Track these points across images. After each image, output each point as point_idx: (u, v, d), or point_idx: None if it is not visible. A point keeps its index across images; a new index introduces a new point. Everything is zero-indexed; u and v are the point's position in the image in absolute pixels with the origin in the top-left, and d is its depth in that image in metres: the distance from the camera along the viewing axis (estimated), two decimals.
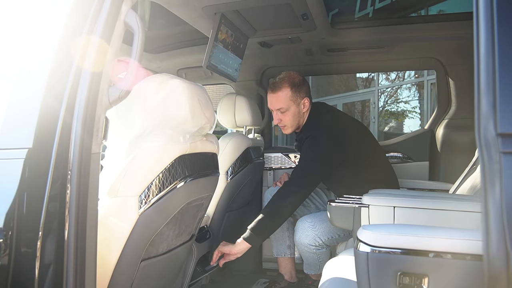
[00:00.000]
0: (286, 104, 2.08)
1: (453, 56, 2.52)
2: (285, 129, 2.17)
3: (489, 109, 0.59)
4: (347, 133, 2.10)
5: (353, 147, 2.06)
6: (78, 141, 1.01)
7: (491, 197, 0.58)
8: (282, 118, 2.12)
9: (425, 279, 0.86)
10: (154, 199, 1.28)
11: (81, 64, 1.04)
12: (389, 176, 2.17)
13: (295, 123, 2.14)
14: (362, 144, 2.16)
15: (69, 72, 1.03)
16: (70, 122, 1.01)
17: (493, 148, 0.58)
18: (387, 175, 2.16)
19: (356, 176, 2.05)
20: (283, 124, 2.14)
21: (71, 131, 1.01)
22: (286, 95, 2.08)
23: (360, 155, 2.09)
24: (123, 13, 1.12)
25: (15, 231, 0.95)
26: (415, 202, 1.38)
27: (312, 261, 2.08)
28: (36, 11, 1.11)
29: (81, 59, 1.04)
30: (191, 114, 1.33)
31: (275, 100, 2.10)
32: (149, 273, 1.40)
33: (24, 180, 0.96)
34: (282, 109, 2.10)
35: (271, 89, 2.13)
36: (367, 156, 2.13)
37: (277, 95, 2.09)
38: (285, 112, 2.10)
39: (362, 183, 1.95)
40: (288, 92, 2.08)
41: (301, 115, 2.14)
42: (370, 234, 0.91)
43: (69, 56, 1.04)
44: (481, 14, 0.62)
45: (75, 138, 1.01)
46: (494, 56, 0.61)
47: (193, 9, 1.84)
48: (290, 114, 2.11)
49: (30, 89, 1.03)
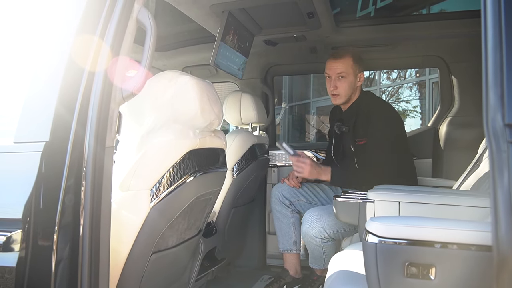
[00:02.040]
0: (346, 71, 2.16)
1: (456, 54, 2.54)
2: (337, 98, 2.21)
3: (497, 101, 0.62)
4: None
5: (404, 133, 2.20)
6: (93, 135, 1.04)
7: (499, 186, 0.60)
8: (338, 85, 2.18)
9: (432, 269, 0.88)
10: (165, 193, 1.30)
11: (96, 61, 1.07)
12: (413, 172, 2.25)
13: (348, 93, 2.19)
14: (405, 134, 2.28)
15: (84, 68, 1.06)
16: (85, 116, 1.04)
17: (501, 138, 0.60)
18: (412, 171, 2.25)
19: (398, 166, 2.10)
20: (338, 92, 2.19)
21: (87, 125, 1.04)
22: (348, 62, 2.16)
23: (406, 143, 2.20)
24: (135, 11, 1.15)
25: (32, 223, 0.98)
26: (420, 197, 1.40)
27: (318, 254, 2.10)
28: (52, 10, 1.13)
29: (95, 56, 1.07)
30: (200, 109, 1.35)
31: (336, 66, 2.18)
32: (159, 265, 1.42)
33: (41, 172, 0.99)
34: (342, 74, 2.16)
35: (333, 56, 2.21)
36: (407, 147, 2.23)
37: (339, 61, 2.17)
38: (343, 79, 2.17)
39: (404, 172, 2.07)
40: (350, 60, 2.17)
41: (355, 88, 2.21)
42: (379, 225, 0.93)
43: (84, 53, 1.06)
44: (488, 8, 0.64)
45: (90, 131, 1.04)
46: (502, 50, 0.63)
47: (201, 7, 1.87)
48: (347, 82, 2.17)
49: (47, 84, 1.06)
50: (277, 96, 10.17)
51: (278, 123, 11.06)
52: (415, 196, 1.41)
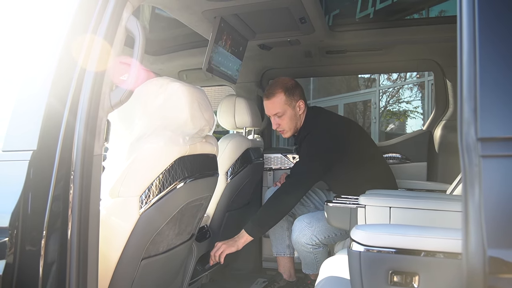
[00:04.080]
0: (282, 108, 2.15)
1: (451, 58, 2.55)
2: (284, 133, 2.23)
3: (470, 115, 0.62)
4: (345, 132, 2.15)
5: (351, 146, 2.11)
6: (81, 143, 1.05)
7: (470, 199, 0.61)
8: (280, 123, 2.19)
9: (415, 277, 0.89)
10: (155, 199, 1.31)
11: (84, 69, 1.08)
12: (387, 176, 2.20)
13: (292, 126, 2.20)
14: (360, 143, 2.20)
15: (72, 76, 1.07)
16: (73, 125, 1.05)
17: (473, 152, 0.61)
18: (385, 175, 2.19)
19: (355, 175, 2.09)
20: (282, 128, 2.21)
21: (74, 134, 1.04)
22: (281, 100, 2.14)
23: (358, 154, 2.13)
24: (124, 19, 1.16)
25: (20, 230, 0.99)
26: (410, 203, 1.40)
27: (310, 260, 2.10)
28: (39, 16, 1.14)
29: (83, 64, 1.08)
30: (190, 116, 1.36)
31: (271, 106, 2.17)
32: (150, 271, 1.43)
33: (29, 181, 0.99)
34: (279, 114, 2.16)
35: (266, 96, 2.19)
36: (365, 155, 2.17)
37: (272, 101, 2.16)
38: (282, 116, 2.17)
39: (360, 182, 1.99)
40: (282, 96, 2.14)
41: (298, 117, 2.20)
42: (363, 234, 0.94)
43: (72, 61, 1.07)
44: (464, 22, 0.65)
45: (78, 140, 1.04)
46: (476, 65, 0.63)
47: (193, 13, 1.88)
48: (287, 118, 2.17)
49: (35, 92, 1.06)
50: None
51: None
52: (405, 201, 1.42)
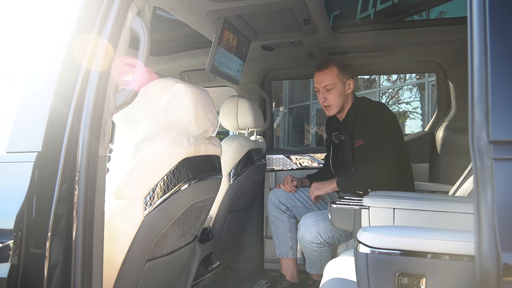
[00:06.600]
0: (333, 81, 2.15)
1: (453, 60, 2.55)
2: (329, 109, 2.20)
3: (482, 118, 0.62)
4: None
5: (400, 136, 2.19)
6: (86, 145, 1.04)
7: (483, 201, 0.60)
8: (327, 97, 2.17)
9: (423, 280, 0.88)
10: (159, 201, 1.30)
11: (88, 70, 1.07)
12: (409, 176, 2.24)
13: (340, 102, 2.18)
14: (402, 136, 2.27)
15: (76, 78, 1.06)
16: (78, 126, 1.04)
17: (485, 155, 0.61)
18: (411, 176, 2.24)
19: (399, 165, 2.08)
20: (328, 103, 2.18)
21: (79, 135, 1.04)
22: (333, 73, 2.15)
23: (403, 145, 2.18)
24: (129, 19, 1.15)
25: (24, 232, 0.98)
26: (414, 204, 1.40)
27: (314, 259, 2.11)
28: (44, 17, 1.14)
29: (88, 66, 1.07)
30: (195, 117, 1.35)
31: (322, 78, 2.16)
32: (154, 273, 1.42)
33: (34, 182, 0.99)
34: (328, 86, 2.15)
35: (318, 68, 2.20)
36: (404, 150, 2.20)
37: (323, 72, 2.16)
38: (331, 90, 2.15)
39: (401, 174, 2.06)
40: (335, 70, 2.15)
41: (346, 96, 2.19)
42: (370, 236, 0.94)
43: (76, 62, 1.07)
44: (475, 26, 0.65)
45: (83, 142, 1.04)
46: (487, 67, 0.63)
47: (196, 14, 1.87)
48: (335, 92, 2.16)
49: (39, 93, 1.06)
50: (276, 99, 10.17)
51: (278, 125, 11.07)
52: (409, 203, 1.41)
